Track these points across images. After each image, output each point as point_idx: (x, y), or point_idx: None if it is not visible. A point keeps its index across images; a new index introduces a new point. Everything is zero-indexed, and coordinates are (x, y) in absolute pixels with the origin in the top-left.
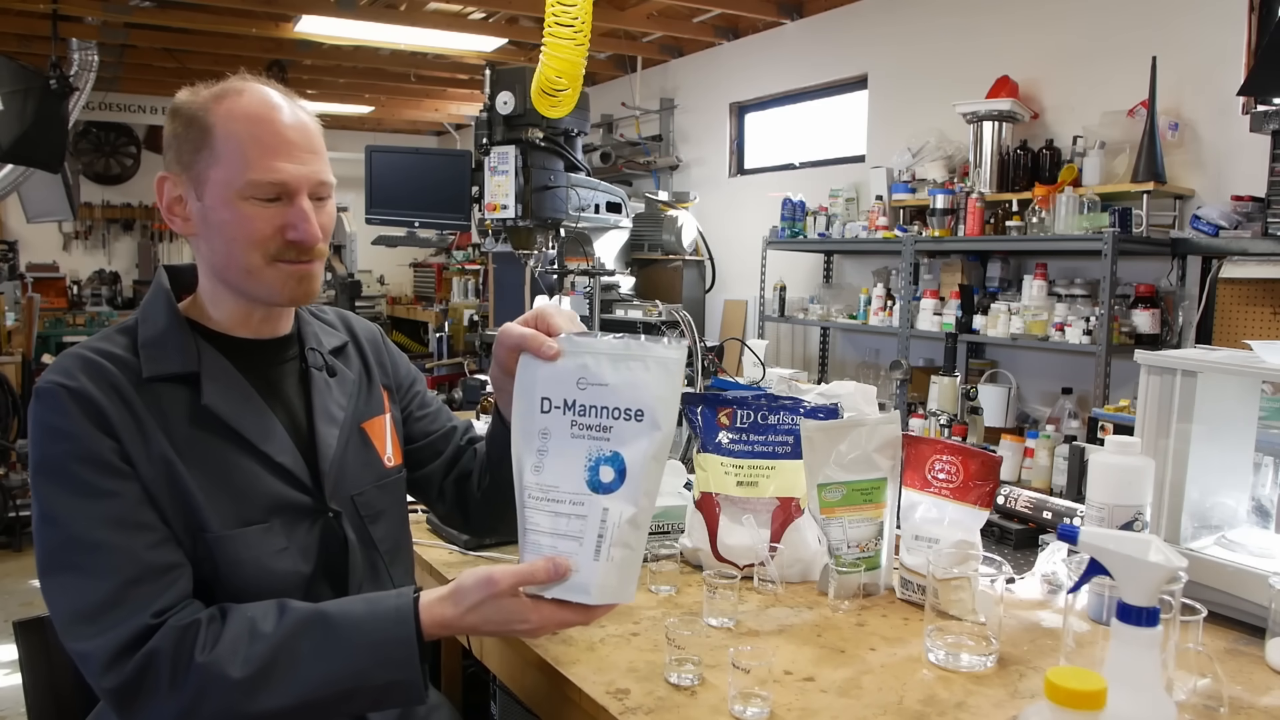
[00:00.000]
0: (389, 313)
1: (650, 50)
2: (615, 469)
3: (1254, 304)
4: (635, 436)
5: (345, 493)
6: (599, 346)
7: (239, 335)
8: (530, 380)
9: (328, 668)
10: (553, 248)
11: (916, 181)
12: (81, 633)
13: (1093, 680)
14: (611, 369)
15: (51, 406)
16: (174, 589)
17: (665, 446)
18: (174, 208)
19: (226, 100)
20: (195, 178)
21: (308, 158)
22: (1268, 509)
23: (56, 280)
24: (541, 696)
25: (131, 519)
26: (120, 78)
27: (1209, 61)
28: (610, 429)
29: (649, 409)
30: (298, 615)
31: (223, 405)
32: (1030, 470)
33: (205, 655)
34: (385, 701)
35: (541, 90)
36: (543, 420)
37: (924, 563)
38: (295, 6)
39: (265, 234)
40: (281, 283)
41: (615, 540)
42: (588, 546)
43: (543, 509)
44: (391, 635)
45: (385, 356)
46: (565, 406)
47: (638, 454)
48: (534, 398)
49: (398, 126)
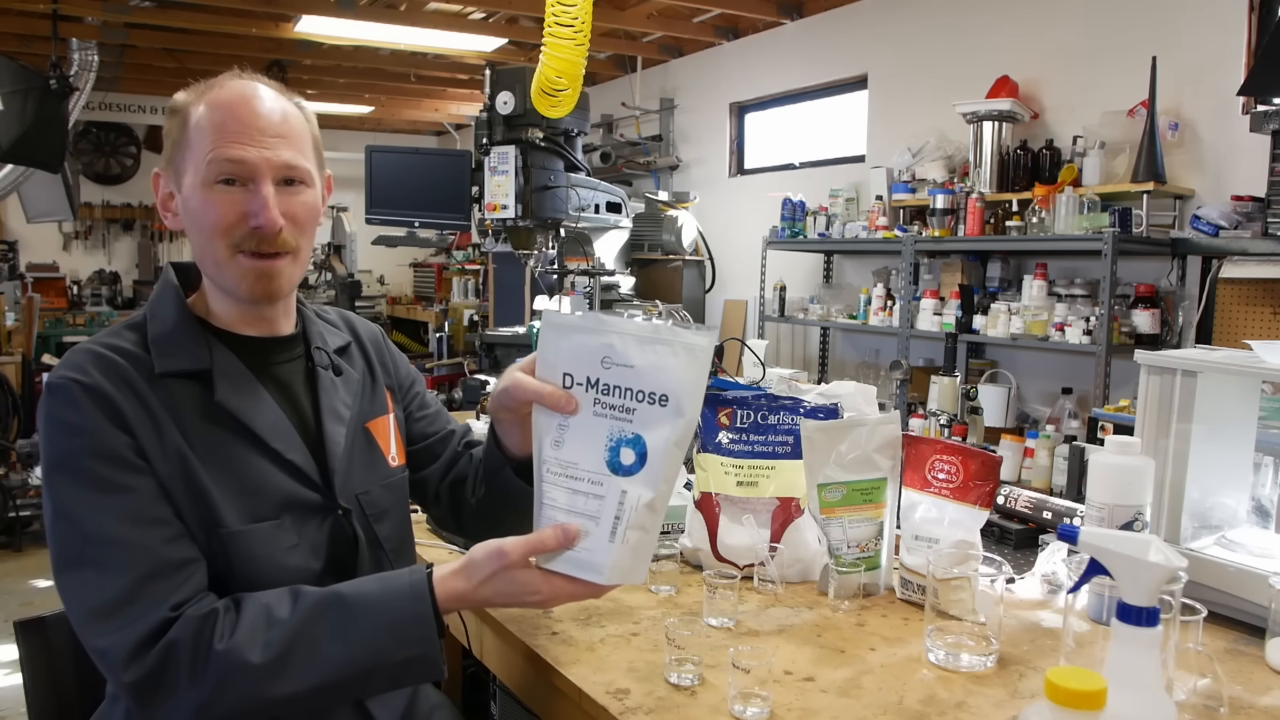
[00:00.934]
0: (389, 313)
1: (650, 50)
2: (636, 452)
3: (1254, 304)
4: (658, 421)
5: (352, 491)
6: (626, 327)
7: (244, 332)
8: (553, 354)
9: (347, 648)
10: (553, 248)
11: (916, 181)
12: (100, 629)
13: (1093, 680)
14: (638, 351)
15: (65, 401)
16: (190, 583)
17: (688, 433)
18: (166, 203)
19: (209, 93)
20: (176, 170)
21: (274, 142)
22: (1268, 509)
23: (56, 280)
24: (541, 696)
25: (147, 514)
26: (120, 78)
27: (1209, 61)
28: (634, 411)
29: (674, 395)
30: (313, 599)
31: (235, 402)
32: (1030, 470)
33: (224, 643)
34: (404, 679)
35: (541, 90)
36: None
37: (924, 563)
38: (295, 6)
39: (228, 220)
40: (242, 276)
41: (632, 523)
42: (604, 527)
43: (560, 485)
44: (408, 611)
45: (387, 357)
46: (589, 384)
47: (660, 439)
48: (556, 372)
49: (398, 126)
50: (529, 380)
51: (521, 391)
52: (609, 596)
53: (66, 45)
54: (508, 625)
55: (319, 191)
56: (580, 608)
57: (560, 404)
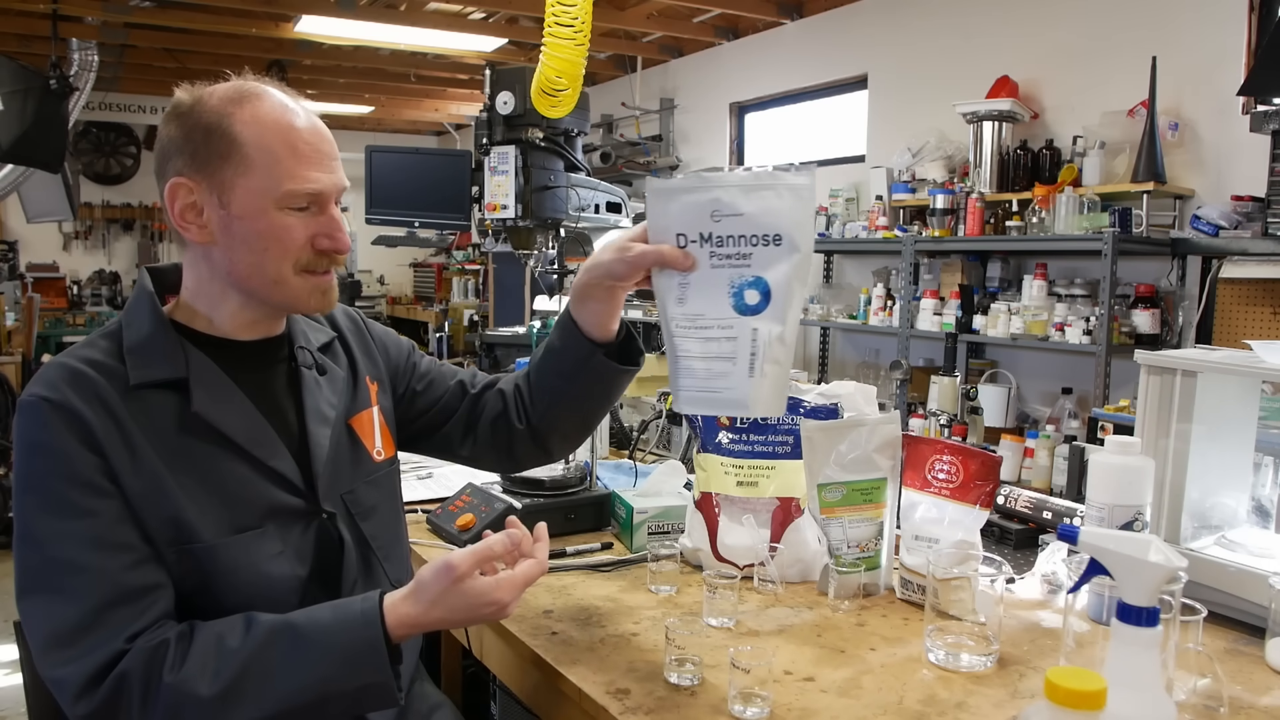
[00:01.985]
0: (389, 313)
1: (650, 50)
2: (760, 291)
3: (1254, 304)
4: (776, 260)
5: (336, 492)
6: (728, 180)
7: (241, 338)
8: (663, 221)
9: (298, 677)
10: (553, 248)
11: (916, 181)
12: (55, 659)
13: (1093, 680)
14: (745, 199)
15: (35, 421)
16: (151, 611)
17: (806, 267)
18: (188, 215)
19: (247, 106)
20: (219, 185)
21: (334, 165)
22: (1268, 509)
23: (56, 280)
24: (541, 696)
25: (111, 539)
26: (120, 78)
27: (1209, 61)
28: (750, 255)
29: (786, 233)
30: (265, 627)
31: (213, 411)
32: (1030, 470)
33: (174, 675)
34: (360, 706)
35: (541, 90)
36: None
37: (924, 563)
38: (295, 6)
39: (298, 243)
40: (309, 294)
41: (767, 357)
42: (741, 365)
43: (692, 336)
44: (359, 639)
45: (370, 344)
46: (702, 239)
47: (780, 276)
48: (669, 235)
49: (398, 126)
50: (644, 247)
51: (643, 257)
52: (609, 596)
53: (66, 45)
54: (508, 625)
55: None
56: (580, 608)
57: (679, 261)
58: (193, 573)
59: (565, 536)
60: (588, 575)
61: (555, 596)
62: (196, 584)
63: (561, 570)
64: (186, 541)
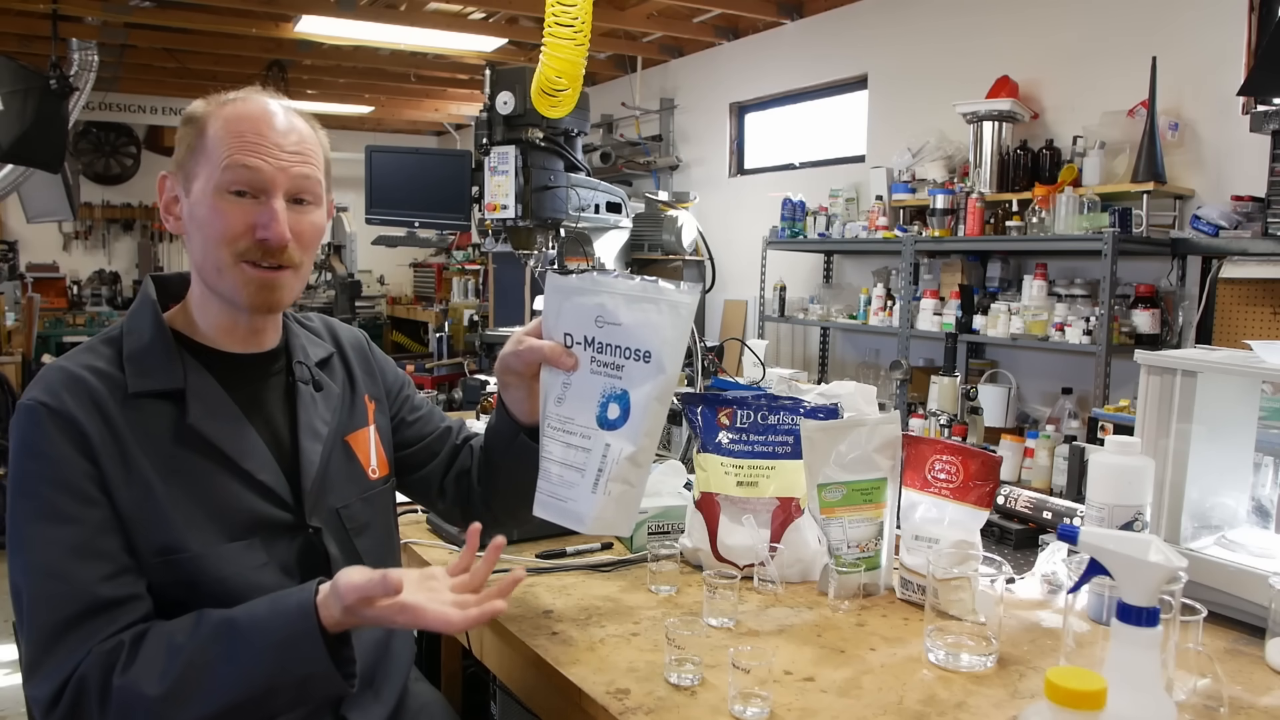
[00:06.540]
0: (389, 313)
1: (650, 50)
2: (621, 407)
3: (1254, 304)
4: (643, 378)
5: (329, 507)
6: (618, 286)
7: (226, 349)
8: (554, 319)
9: (239, 672)
10: (553, 248)
11: (916, 181)
12: (31, 678)
13: (1093, 680)
14: (626, 309)
15: (32, 425)
16: (119, 621)
17: (669, 389)
18: (170, 206)
19: (229, 104)
20: (186, 175)
21: (290, 158)
22: (1268, 509)
23: (56, 280)
24: (541, 696)
25: (92, 547)
26: (120, 78)
27: (1209, 61)
28: (622, 368)
29: (656, 351)
30: (211, 623)
31: (207, 425)
32: (1030, 470)
33: (122, 677)
34: (309, 695)
35: (541, 90)
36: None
37: (924, 563)
38: (295, 6)
39: (236, 230)
40: (244, 285)
41: (614, 475)
42: (588, 478)
43: (558, 438)
44: (296, 630)
45: (372, 364)
46: (586, 343)
47: (642, 395)
48: (559, 332)
49: (398, 126)
50: (535, 340)
51: (530, 352)
52: (609, 596)
53: (66, 45)
54: (508, 625)
55: (324, 213)
56: (580, 608)
57: (561, 359)
58: (179, 582)
59: (565, 536)
60: (588, 575)
61: (555, 596)
62: (183, 594)
63: (561, 570)
64: (174, 551)
